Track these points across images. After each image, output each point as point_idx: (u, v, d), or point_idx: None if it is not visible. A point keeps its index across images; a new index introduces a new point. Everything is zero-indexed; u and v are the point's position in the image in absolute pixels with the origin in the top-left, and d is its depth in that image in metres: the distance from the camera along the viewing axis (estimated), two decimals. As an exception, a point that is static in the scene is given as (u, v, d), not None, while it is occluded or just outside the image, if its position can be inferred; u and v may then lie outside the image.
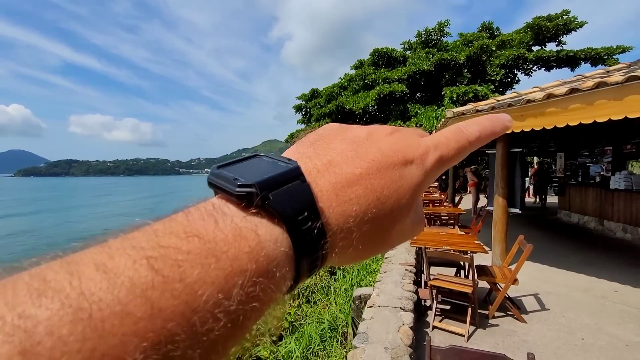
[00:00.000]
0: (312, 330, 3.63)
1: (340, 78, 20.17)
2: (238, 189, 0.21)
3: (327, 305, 4.54)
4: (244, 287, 0.17)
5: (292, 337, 3.67)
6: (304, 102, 21.69)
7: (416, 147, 0.27)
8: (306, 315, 4.35)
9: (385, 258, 4.75)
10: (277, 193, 0.21)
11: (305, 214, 0.21)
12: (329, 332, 3.71)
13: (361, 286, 4.69)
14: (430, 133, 0.30)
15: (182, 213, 0.20)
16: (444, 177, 12.00)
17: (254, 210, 0.20)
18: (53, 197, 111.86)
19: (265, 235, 0.20)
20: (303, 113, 22.00)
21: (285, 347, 3.56)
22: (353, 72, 19.55)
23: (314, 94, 21.23)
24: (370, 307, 3.05)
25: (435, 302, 3.26)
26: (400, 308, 2.93)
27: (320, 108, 18.87)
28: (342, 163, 0.24)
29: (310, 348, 3.53)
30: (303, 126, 21.83)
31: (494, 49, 15.66)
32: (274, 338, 3.92)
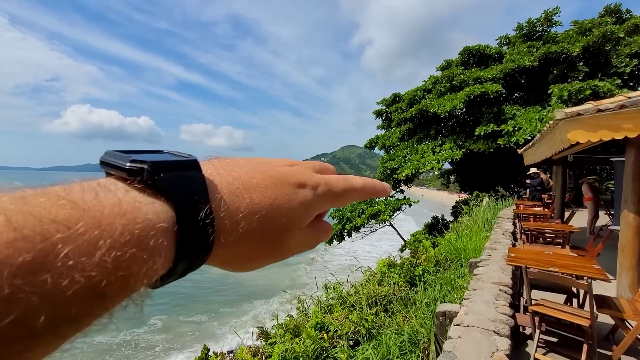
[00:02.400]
0: (390, 341, 3.52)
1: (424, 81, 19.24)
2: (129, 164, 0.20)
3: (406, 317, 4.34)
4: (110, 253, 0.17)
5: (369, 345, 3.61)
6: (384, 107, 21.34)
7: (310, 176, 0.31)
8: (384, 325, 4.25)
9: (475, 275, 4.33)
10: (169, 174, 0.21)
11: (196, 197, 0.21)
12: (409, 346, 3.55)
13: (445, 302, 4.36)
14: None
15: (60, 186, 0.19)
16: (542, 187, 10.35)
17: (140, 186, 0.20)
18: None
19: (146, 208, 0.19)
20: (383, 118, 21.64)
21: (363, 353, 3.53)
22: (439, 73, 18.45)
23: (395, 98, 20.71)
24: (457, 325, 2.81)
25: (538, 331, 2.83)
26: (494, 332, 2.62)
27: (402, 113, 18.29)
28: (243, 173, 0.27)
29: (388, 359, 3.43)
30: (383, 132, 21.47)
31: (621, 35, 12.96)
32: (351, 342, 3.93)
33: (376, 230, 17.17)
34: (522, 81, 15.00)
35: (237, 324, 18.43)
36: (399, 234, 17.62)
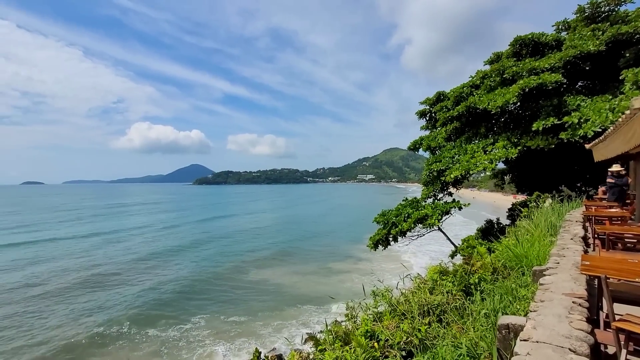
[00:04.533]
0: (447, 354, 3.32)
1: (471, 76, 18.19)
2: None
3: (462, 328, 4.07)
4: None
5: (424, 357, 3.44)
6: (428, 107, 20.55)
7: None
8: (438, 336, 4.02)
9: (541, 285, 3.92)
10: None
11: None
12: (468, 360, 3.31)
13: (506, 313, 4.01)
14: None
15: None
16: (627, 187, 9.10)
17: None
18: (220, 200, 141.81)
19: None
20: (427, 118, 20.84)
21: (417, 365, 3.37)
22: (487, 67, 17.34)
23: (440, 97, 19.84)
24: (525, 340, 2.55)
25: (624, 350, 2.47)
26: (570, 350, 2.34)
27: (447, 111, 17.43)
28: None
29: (446, 373, 3.23)
30: (427, 132, 20.66)
31: None
32: (403, 353, 3.77)
33: (423, 235, 16.48)
34: (587, 68, 13.49)
35: (280, 326, 18.92)
36: (448, 238, 16.74)
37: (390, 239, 15.66)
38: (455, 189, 17.47)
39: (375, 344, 3.70)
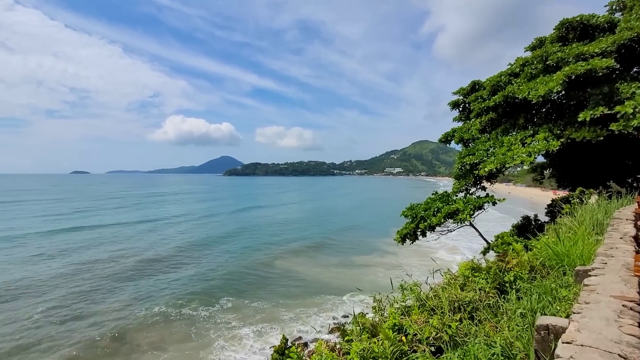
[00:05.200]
0: (479, 353, 3.20)
1: (510, 64, 17.09)
2: None
3: (496, 327, 3.91)
4: None
5: (454, 353, 3.35)
6: (461, 97, 19.62)
7: None
8: (469, 333, 3.89)
9: (585, 286, 3.67)
10: None
11: None
12: (502, 360, 3.18)
13: (545, 314, 3.80)
14: None
15: None
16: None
17: None
18: (250, 191, 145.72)
19: None
20: (460, 109, 19.93)
21: (447, 361, 3.29)
22: (528, 54, 16.20)
23: (475, 86, 18.87)
24: (567, 343, 2.40)
25: (684, 361, 2.25)
26: (620, 356, 2.17)
27: (483, 102, 16.56)
28: None
29: (478, 372, 3.12)
30: (460, 124, 19.79)
31: None
32: (432, 348, 3.70)
33: (453, 230, 15.95)
34: (645, 52, 12.20)
35: (302, 314, 19.39)
36: (480, 235, 16.11)
37: (419, 233, 15.31)
38: (489, 184, 16.67)
39: (403, 338, 3.65)
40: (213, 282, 24.22)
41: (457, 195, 15.93)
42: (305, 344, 14.97)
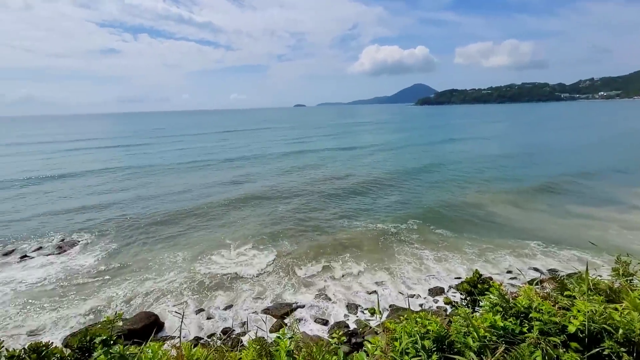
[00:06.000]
0: None
1: None
2: None
3: None
4: None
5: None
6: None
7: None
8: None
9: None
10: None
11: None
12: None
13: None
14: None
15: None
16: None
17: None
18: (444, 121, 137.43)
19: None
20: None
21: None
22: None
23: None
24: None
25: None
26: None
27: None
28: None
29: None
30: None
31: None
32: None
33: None
34: None
35: (488, 251, 18.04)
36: None
37: None
38: None
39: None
40: (406, 207, 25.85)
41: None
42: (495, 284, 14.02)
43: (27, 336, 12.15)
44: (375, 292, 14.77)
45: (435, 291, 14.62)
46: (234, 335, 11.98)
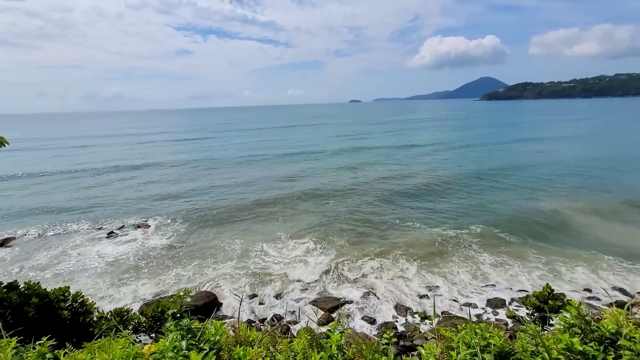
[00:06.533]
0: None
1: None
2: None
3: None
4: None
5: None
6: None
7: None
8: None
9: None
10: None
11: None
12: None
13: None
14: None
15: None
16: None
17: None
18: (514, 118, 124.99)
19: None
20: None
21: None
22: None
23: None
24: None
25: None
26: None
27: None
28: None
29: None
30: None
31: None
32: None
33: None
34: None
35: (558, 263, 16.17)
36: None
37: None
38: None
39: None
40: (467, 212, 24.08)
41: None
42: (568, 302, 12.42)
43: (109, 302, 14.15)
44: (426, 296, 14.15)
45: (495, 303, 13.48)
46: (283, 323, 12.48)
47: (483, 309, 13.26)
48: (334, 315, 13.10)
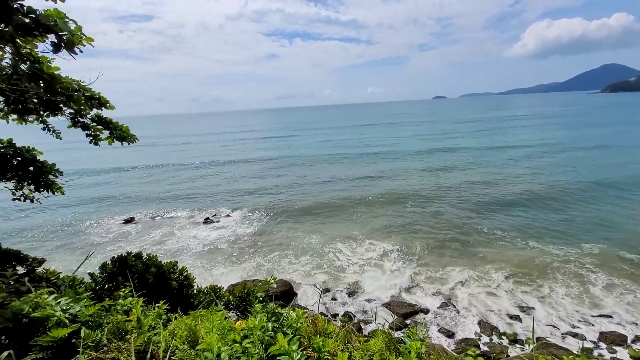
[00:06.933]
0: None
1: None
2: None
3: None
4: None
5: None
6: None
7: None
8: None
9: None
10: None
11: None
12: None
13: None
14: None
15: None
16: None
17: None
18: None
19: None
20: None
21: None
22: None
23: None
24: None
25: None
26: None
27: None
28: None
29: None
30: None
31: None
32: None
33: None
34: None
35: None
36: None
37: None
38: None
39: None
40: (580, 228, 20.18)
41: None
42: None
43: (202, 279, 16.24)
44: (517, 317, 12.48)
45: (612, 338, 11.12)
46: (355, 321, 12.53)
47: (594, 342, 11.09)
48: (407, 321, 12.59)
